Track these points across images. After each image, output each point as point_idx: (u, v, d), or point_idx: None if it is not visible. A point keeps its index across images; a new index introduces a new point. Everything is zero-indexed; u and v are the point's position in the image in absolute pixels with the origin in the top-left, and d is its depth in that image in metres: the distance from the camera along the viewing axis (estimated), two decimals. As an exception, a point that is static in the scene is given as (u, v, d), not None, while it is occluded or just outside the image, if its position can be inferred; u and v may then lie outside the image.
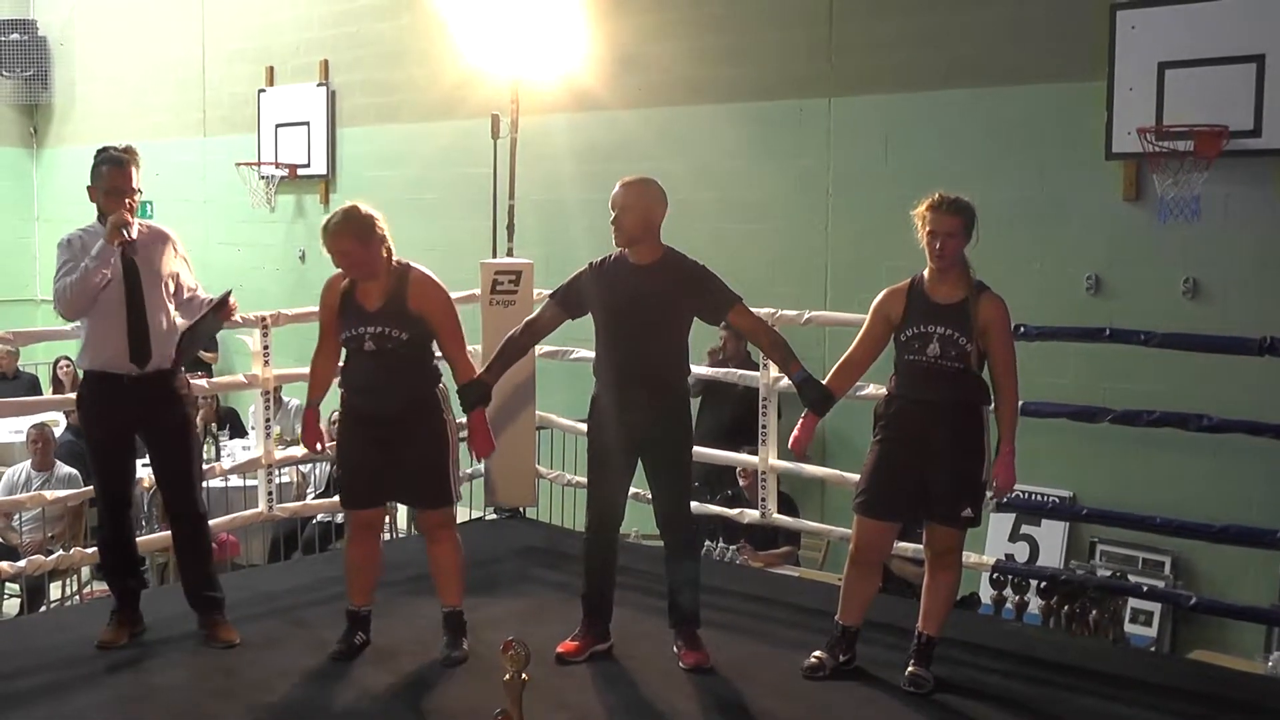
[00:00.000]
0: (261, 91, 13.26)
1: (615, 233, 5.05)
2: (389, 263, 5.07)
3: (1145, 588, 6.66)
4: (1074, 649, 5.75)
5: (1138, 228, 7.64)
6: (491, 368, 5.21)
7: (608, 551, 5.29)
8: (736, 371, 7.37)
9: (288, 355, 7.48)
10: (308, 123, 12.76)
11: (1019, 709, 4.86)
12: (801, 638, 5.42)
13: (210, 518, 5.80)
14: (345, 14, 12.52)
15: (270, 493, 6.93)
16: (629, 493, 5.33)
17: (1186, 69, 7.29)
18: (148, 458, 5.56)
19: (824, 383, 5.09)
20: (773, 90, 9.32)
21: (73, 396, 7.78)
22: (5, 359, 12.83)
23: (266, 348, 6.75)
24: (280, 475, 7.76)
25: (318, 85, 12.70)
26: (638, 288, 5.03)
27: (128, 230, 5.11)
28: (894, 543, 5.46)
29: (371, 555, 5.31)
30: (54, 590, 8.28)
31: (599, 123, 10.23)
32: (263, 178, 12.86)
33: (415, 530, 5.36)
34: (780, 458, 6.78)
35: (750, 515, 7.00)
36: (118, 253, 5.12)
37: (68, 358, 12.92)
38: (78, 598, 8.23)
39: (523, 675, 3.45)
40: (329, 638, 5.29)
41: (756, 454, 6.83)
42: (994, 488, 4.96)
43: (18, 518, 8.72)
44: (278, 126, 13.04)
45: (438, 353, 5.26)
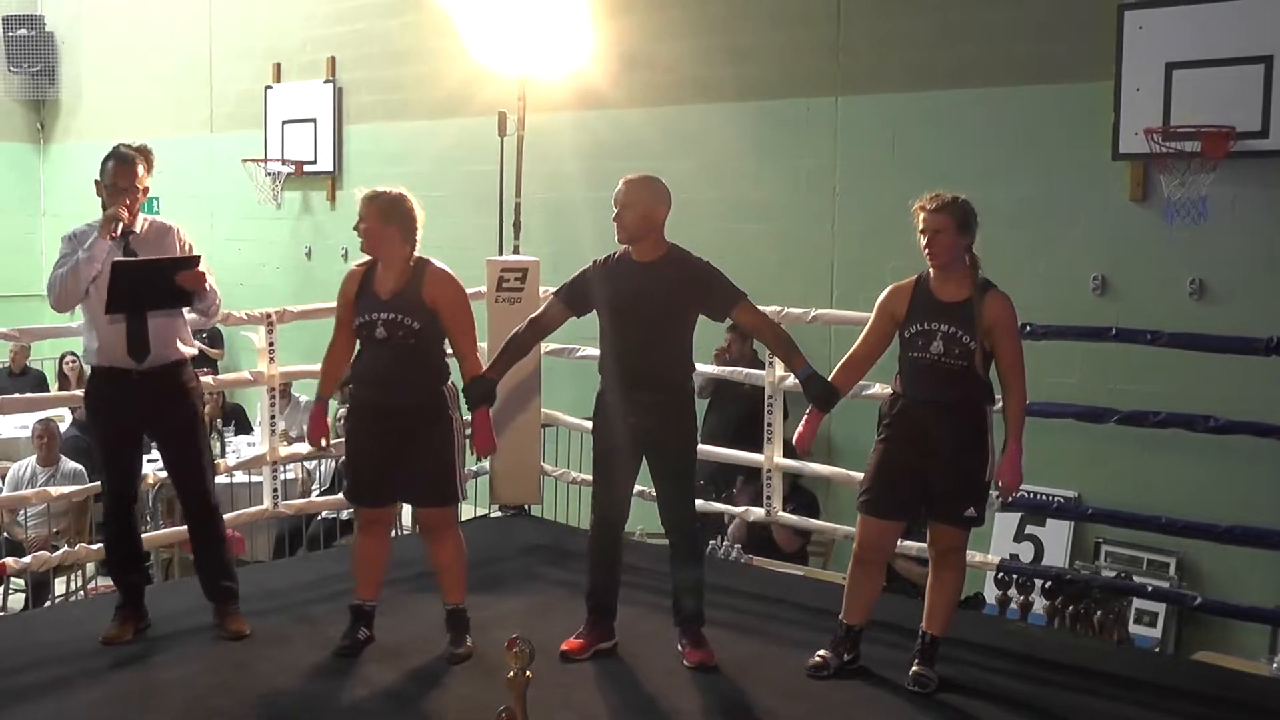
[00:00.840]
0: (268, 88, 13.27)
1: (617, 230, 5.06)
2: (408, 258, 5.07)
3: (1150, 588, 6.65)
4: (1078, 649, 5.74)
5: (1144, 228, 7.63)
6: (495, 365, 5.21)
7: (613, 550, 5.29)
8: (743, 370, 7.36)
9: (293, 352, 7.49)
10: (314, 119, 12.78)
11: (1023, 709, 4.85)
12: (806, 637, 5.41)
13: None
14: (352, 11, 12.53)
15: (275, 489, 6.94)
16: (634, 491, 5.33)
17: (1194, 69, 7.29)
18: (155, 453, 5.56)
19: (829, 379, 5.09)
20: (779, 89, 9.32)
21: (79, 393, 7.81)
22: (16, 355, 12.86)
23: (272, 344, 6.76)
24: (285, 472, 7.77)
25: (324, 82, 12.71)
26: (641, 285, 5.03)
27: (119, 225, 5.11)
28: (898, 542, 5.46)
29: (379, 549, 5.32)
30: (59, 586, 8.31)
31: (606, 121, 10.23)
32: (269, 174, 12.88)
33: (416, 529, 5.34)
34: (786, 456, 6.78)
35: (755, 514, 6.99)
36: (113, 247, 5.10)
37: (73, 353, 12.95)
38: (82, 593, 8.24)
39: (527, 673, 3.46)
40: (334, 634, 5.29)
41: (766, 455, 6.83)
42: (1000, 487, 4.96)
43: (23, 513, 8.73)
44: (284, 123, 13.06)
45: (448, 350, 5.25)
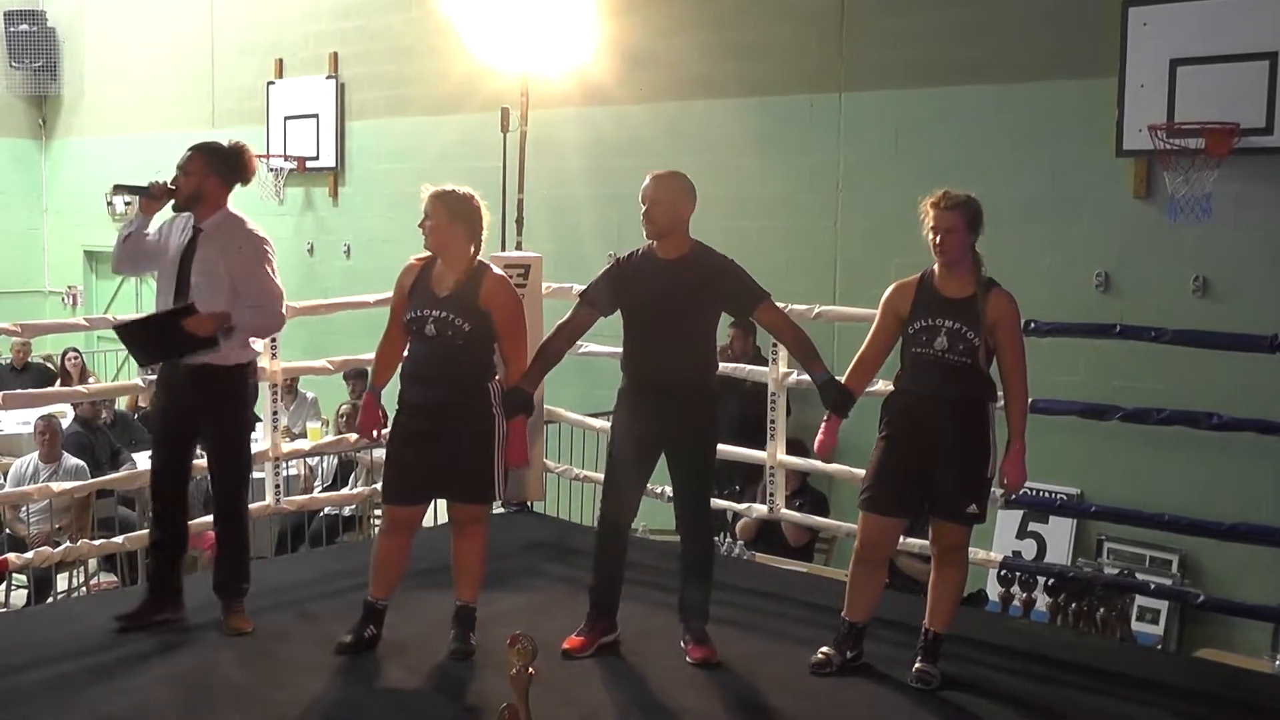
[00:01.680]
0: (270, 84, 13.27)
1: (645, 225, 5.04)
2: (471, 259, 5.06)
3: (1153, 585, 6.65)
4: (1081, 647, 5.73)
5: (1148, 225, 7.63)
6: (529, 376, 5.17)
7: (619, 546, 5.28)
8: (746, 367, 7.36)
9: (295, 348, 7.49)
10: (317, 115, 12.78)
11: (1025, 706, 4.84)
12: (809, 634, 5.40)
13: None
14: (354, 7, 12.54)
15: (277, 485, 6.93)
16: (644, 490, 5.33)
17: (1198, 66, 7.28)
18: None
19: (843, 382, 5.08)
20: (783, 85, 9.31)
21: (81, 389, 7.82)
22: (19, 351, 12.87)
23: (274, 340, 6.74)
24: (287, 468, 7.77)
25: (327, 78, 12.71)
26: (666, 283, 5.02)
27: (145, 190, 5.33)
28: (900, 539, 5.45)
29: (402, 550, 5.25)
30: (61, 582, 8.31)
31: (609, 117, 10.23)
32: (271, 170, 12.88)
33: (448, 519, 5.32)
34: (789, 453, 6.78)
35: (759, 510, 6.99)
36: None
37: (75, 349, 12.96)
38: (84, 589, 8.24)
39: (529, 670, 3.45)
40: (336, 630, 5.28)
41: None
42: (1005, 485, 4.95)
43: (25, 509, 8.73)
44: (287, 119, 13.06)
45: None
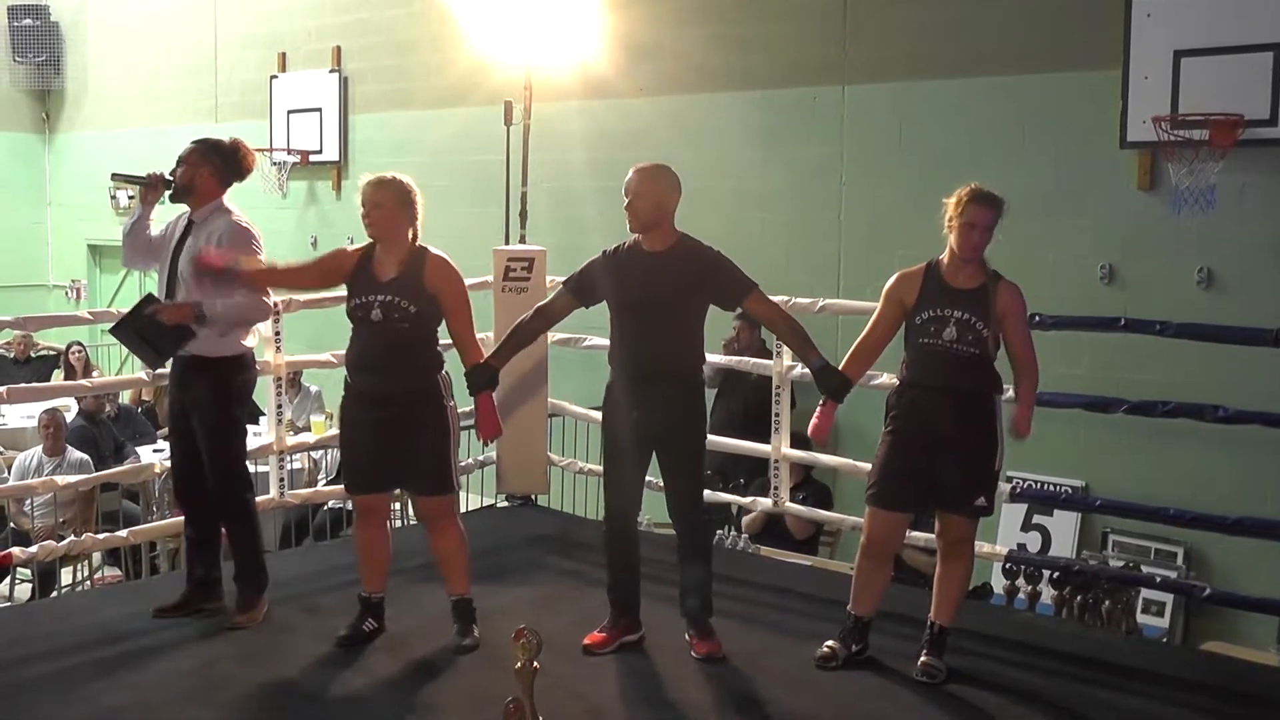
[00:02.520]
0: (274, 78, 13.26)
1: (629, 219, 5.03)
2: (410, 242, 5.09)
3: (1158, 579, 6.64)
4: (1086, 640, 5.73)
5: (1152, 217, 7.61)
6: (499, 352, 5.20)
7: (629, 542, 5.28)
8: (750, 360, 7.35)
9: (299, 341, 7.48)
10: (320, 109, 12.76)
11: (1031, 699, 4.84)
12: (814, 627, 5.41)
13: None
14: (358, 0, 12.52)
15: (282, 479, 6.93)
16: (645, 482, 5.32)
17: (1202, 57, 7.26)
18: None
19: (840, 369, 5.07)
20: (786, 78, 9.30)
21: (85, 383, 7.82)
22: (21, 344, 12.87)
23: (278, 334, 6.74)
24: (291, 461, 7.76)
25: (330, 71, 12.69)
26: (652, 275, 5.01)
27: (157, 187, 5.47)
28: (906, 533, 5.45)
29: (376, 540, 5.30)
30: (65, 576, 8.31)
31: (612, 110, 10.22)
32: (275, 164, 12.86)
33: (416, 518, 5.35)
34: (794, 446, 6.77)
35: (763, 504, 6.99)
36: (146, 210, 5.49)
37: (79, 343, 12.95)
38: (88, 583, 8.24)
39: (534, 663, 3.44)
40: (341, 624, 5.29)
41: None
42: (1014, 433, 4.94)
43: (29, 503, 8.74)
44: (290, 113, 13.04)
45: (443, 340, 5.24)
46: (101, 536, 6.72)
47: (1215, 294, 7.40)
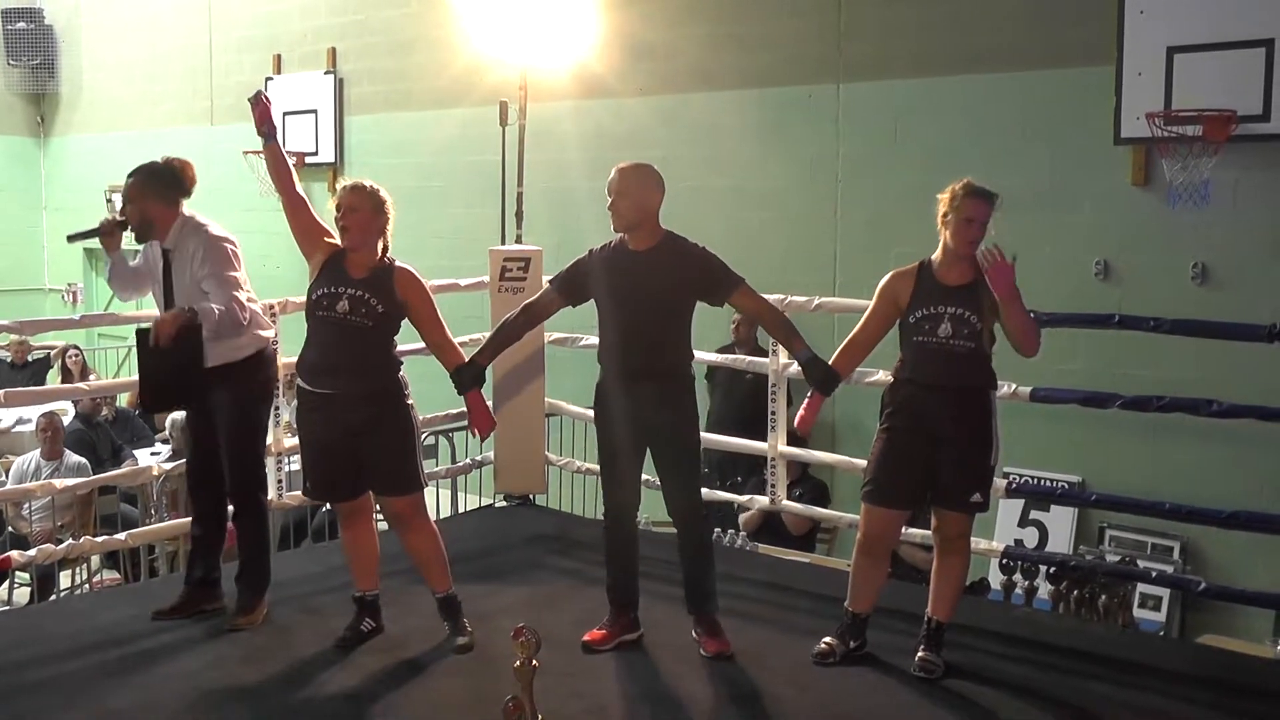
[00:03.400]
0: (269, 79, 13.25)
1: (613, 218, 5.04)
2: (380, 253, 5.13)
3: (1154, 573, 6.66)
4: (1083, 634, 5.74)
5: (1147, 213, 7.63)
6: (485, 350, 5.21)
7: (628, 541, 5.29)
8: (746, 358, 7.36)
9: (297, 344, 7.47)
10: (315, 111, 12.77)
11: (1028, 694, 4.85)
12: (812, 624, 5.41)
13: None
14: (353, 1, 12.53)
15: (280, 480, 6.93)
16: (642, 480, 5.33)
17: (1195, 53, 7.28)
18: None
19: (829, 363, 5.08)
20: (782, 77, 9.31)
21: (82, 386, 7.83)
22: (18, 348, 12.87)
23: (275, 337, 6.73)
24: (290, 463, 7.77)
25: (325, 73, 12.70)
26: (638, 274, 5.02)
27: (114, 232, 5.47)
28: (903, 529, 5.46)
29: (362, 538, 5.30)
30: (64, 579, 8.31)
31: (608, 110, 10.23)
32: (271, 166, 12.85)
33: (386, 522, 5.37)
34: (791, 444, 6.79)
35: (760, 502, 7.00)
36: (115, 256, 5.53)
37: (76, 347, 12.96)
38: (87, 586, 8.25)
39: (533, 662, 3.46)
40: (339, 625, 5.30)
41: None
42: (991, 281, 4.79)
43: (27, 507, 8.75)
44: (285, 114, 13.02)
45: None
46: (100, 539, 6.72)
47: (1210, 288, 7.42)
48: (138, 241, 5.47)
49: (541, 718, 3.49)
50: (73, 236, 5.63)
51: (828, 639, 5.12)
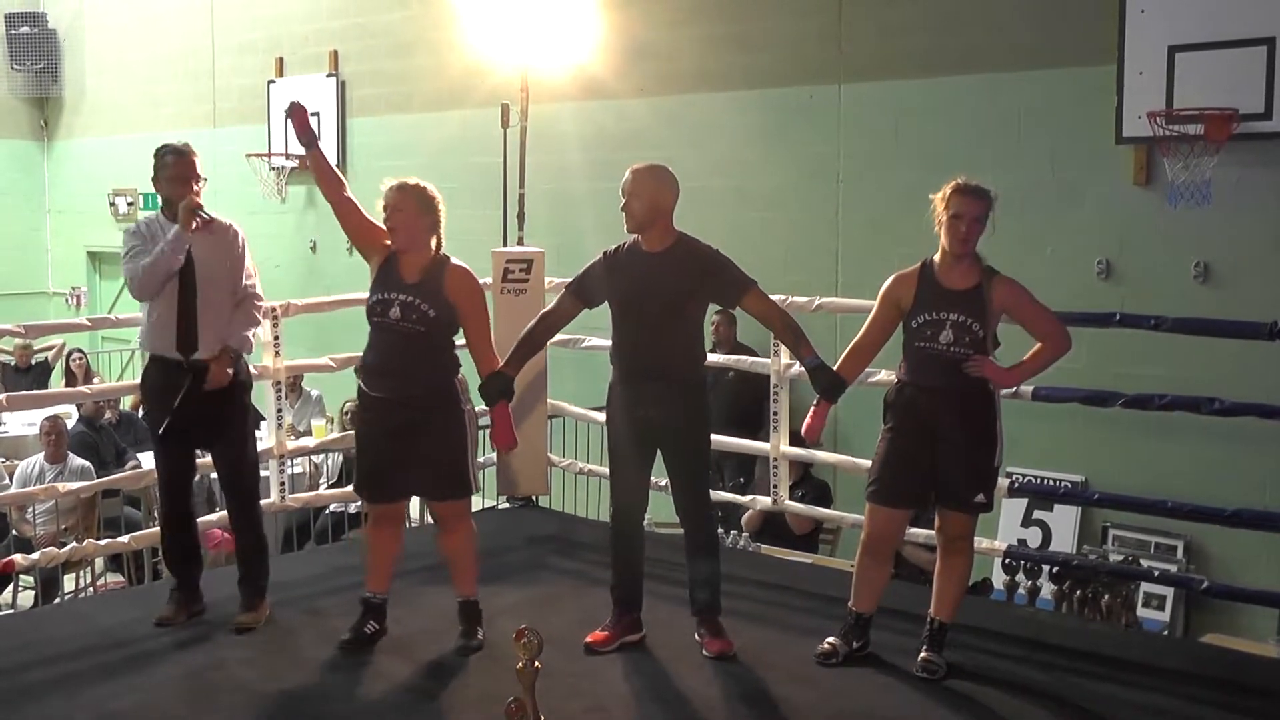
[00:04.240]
0: (271, 82, 13.28)
1: (626, 219, 5.05)
2: (435, 250, 5.13)
3: (1157, 572, 6.65)
4: (1086, 634, 5.74)
5: (1148, 212, 7.63)
6: (511, 361, 5.21)
7: (634, 541, 5.30)
8: (746, 359, 7.36)
9: (299, 346, 7.50)
10: (317, 113, 12.68)
11: (1031, 694, 4.85)
12: (815, 624, 5.42)
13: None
14: (354, 4, 12.55)
15: (283, 483, 6.94)
16: (650, 481, 5.33)
17: (1196, 52, 7.28)
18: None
19: (835, 369, 5.08)
20: (783, 77, 9.31)
21: (85, 389, 7.84)
22: (22, 351, 12.88)
23: (277, 338, 6.75)
24: (292, 465, 7.78)
25: (327, 76, 12.72)
26: (651, 275, 5.02)
27: (201, 214, 5.25)
28: (906, 530, 5.46)
29: (392, 541, 5.32)
30: (68, 582, 8.31)
31: (609, 111, 10.23)
32: (273, 169, 12.89)
33: (430, 519, 5.35)
34: (792, 444, 6.78)
35: (763, 502, 7.00)
36: (192, 239, 5.26)
37: (80, 350, 12.97)
38: (91, 589, 8.26)
39: (536, 663, 3.46)
40: (342, 627, 5.29)
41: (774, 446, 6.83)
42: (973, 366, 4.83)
43: (31, 510, 8.75)
44: (287, 117, 13.06)
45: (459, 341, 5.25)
46: (104, 542, 6.74)
47: (1211, 287, 7.41)
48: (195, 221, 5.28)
49: (544, 718, 3.49)
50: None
51: (830, 639, 5.12)
